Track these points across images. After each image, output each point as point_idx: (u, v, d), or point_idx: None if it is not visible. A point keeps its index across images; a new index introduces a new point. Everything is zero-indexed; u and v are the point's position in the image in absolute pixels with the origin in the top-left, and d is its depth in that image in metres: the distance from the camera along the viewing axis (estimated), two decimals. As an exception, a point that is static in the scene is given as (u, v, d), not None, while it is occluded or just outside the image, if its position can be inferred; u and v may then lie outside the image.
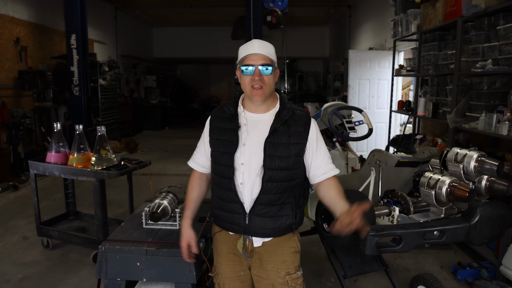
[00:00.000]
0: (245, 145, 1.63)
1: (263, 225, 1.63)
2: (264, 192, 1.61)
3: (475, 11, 3.33)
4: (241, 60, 1.63)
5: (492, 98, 3.42)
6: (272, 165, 1.59)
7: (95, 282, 2.54)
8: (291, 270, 1.69)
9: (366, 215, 1.50)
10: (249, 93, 1.62)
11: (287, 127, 1.62)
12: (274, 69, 1.63)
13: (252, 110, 1.68)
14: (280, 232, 1.67)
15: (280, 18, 6.35)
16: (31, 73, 6.58)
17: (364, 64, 7.06)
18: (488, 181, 1.91)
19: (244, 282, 1.77)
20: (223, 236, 1.76)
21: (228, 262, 1.75)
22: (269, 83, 1.61)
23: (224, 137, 1.66)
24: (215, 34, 13.51)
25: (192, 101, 16.89)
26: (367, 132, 2.99)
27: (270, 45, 1.66)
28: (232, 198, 1.65)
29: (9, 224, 4.20)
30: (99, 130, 3.06)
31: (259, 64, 1.59)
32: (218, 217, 1.75)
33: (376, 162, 2.49)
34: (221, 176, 1.68)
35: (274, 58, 1.64)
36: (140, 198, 3.37)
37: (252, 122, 1.66)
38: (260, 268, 1.70)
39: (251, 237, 1.68)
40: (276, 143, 1.60)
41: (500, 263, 2.79)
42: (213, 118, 1.75)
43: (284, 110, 1.66)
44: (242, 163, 1.62)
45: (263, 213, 1.62)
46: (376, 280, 3.06)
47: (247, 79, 1.61)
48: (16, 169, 5.94)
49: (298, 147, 1.63)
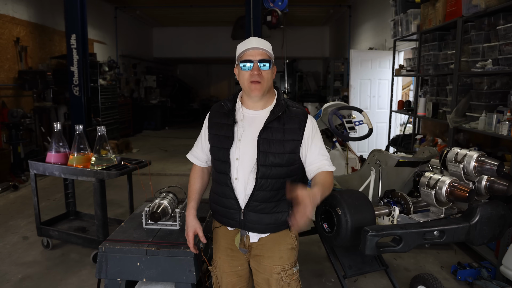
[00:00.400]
0: (240, 141, 1.65)
1: (259, 221, 1.66)
2: (259, 189, 1.62)
3: (475, 11, 3.33)
4: (240, 56, 1.65)
5: (492, 98, 3.42)
6: (266, 162, 1.61)
7: (95, 282, 2.55)
8: (287, 267, 1.72)
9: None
10: (248, 88, 1.64)
11: (282, 123, 1.63)
12: (272, 65, 1.65)
13: (249, 106, 1.71)
14: (276, 228, 1.69)
15: (280, 18, 6.35)
16: (31, 73, 6.58)
17: (365, 64, 7.06)
18: (488, 181, 1.91)
19: (241, 276, 1.81)
20: (222, 231, 1.80)
21: (226, 257, 1.79)
22: (267, 79, 1.63)
23: (221, 133, 1.69)
24: (215, 34, 13.52)
25: (192, 101, 16.90)
26: (367, 132, 2.99)
27: (267, 42, 1.68)
28: (227, 193, 1.68)
29: (9, 224, 4.20)
30: (99, 130, 3.06)
31: (257, 60, 1.61)
32: (216, 212, 1.79)
33: (376, 162, 2.49)
34: (218, 171, 1.71)
35: (271, 54, 1.66)
36: (140, 198, 3.37)
37: (249, 119, 1.69)
38: (257, 262, 1.75)
39: (248, 232, 1.71)
40: (270, 139, 1.61)
41: (500, 263, 2.80)
42: (212, 113, 1.78)
43: (278, 106, 1.67)
44: (237, 158, 1.65)
45: (258, 209, 1.64)
46: (376, 280, 3.06)
47: (246, 75, 1.62)
48: (16, 169, 5.94)
49: (293, 144, 1.63)
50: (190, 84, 17.09)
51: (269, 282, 1.72)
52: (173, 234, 2.12)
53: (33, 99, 6.88)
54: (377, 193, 2.44)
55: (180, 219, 2.20)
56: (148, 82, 13.23)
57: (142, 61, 13.34)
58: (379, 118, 6.94)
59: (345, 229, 1.79)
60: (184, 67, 17.89)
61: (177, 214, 2.21)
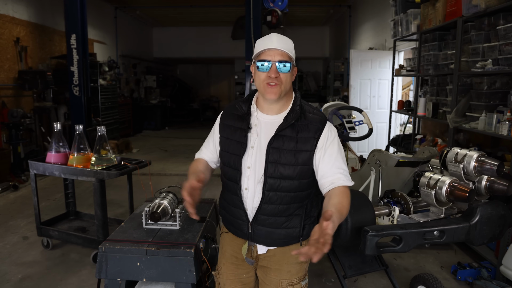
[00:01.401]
0: (254, 148, 1.53)
1: (268, 235, 1.56)
2: (266, 202, 1.51)
3: (475, 11, 3.33)
4: (257, 55, 1.50)
5: (492, 98, 3.42)
6: (275, 174, 1.48)
7: (95, 282, 2.55)
8: (294, 281, 1.62)
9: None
10: (263, 90, 1.50)
11: (296, 132, 1.49)
12: (292, 67, 1.50)
13: (265, 110, 1.57)
14: (285, 243, 1.59)
15: (280, 18, 6.34)
16: (31, 73, 6.58)
17: (365, 64, 7.05)
18: (488, 181, 1.91)
19: (246, 284, 1.73)
20: (229, 237, 1.71)
21: (231, 265, 1.72)
22: (285, 81, 1.49)
23: (234, 137, 1.57)
24: (215, 34, 13.51)
25: (192, 101, 16.89)
26: (367, 132, 2.99)
27: (289, 41, 1.52)
28: (236, 203, 1.59)
29: (9, 224, 4.20)
30: (99, 130, 3.06)
31: (276, 61, 1.46)
32: (224, 218, 1.71)
33: (376, 162, 2.50)
34: (228, 178, 1.61)
35: (293, 54, 1.51)
36: (140, 198, 3.37)
37: (264, 124, 1.55)
38: (264, 273, 1.66)
39: (255, 243, 1.63)
40: (281, 149, 1.48)
41: (500, 263, 2.79)
42: (224, 115, 1.66)
43: (292, 112, 1.52)
44: (249, 166, 1.53)
45: (267, 223, 1.54)
46: (376, 280, 3.06)
47: (263, 76, 1.48)
48: (16, 169, 5.94)
49: (306, 155, 1.48)
50: (190, 84, 17.09)
51: None
52: (173, 234, 2.11)
53: (33, 99, 6.88)
54: (377, 193, 2.44)
55: (180, 219, 2.20)
56: (148, 82, 13.23)
57: (142, 61, 13.34)
58: (379, 118, 6.94)
59: (345, 229, 1.78)
60: (184, 67, 17.89)
61: (177, 214, 2.21)
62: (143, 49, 13.48)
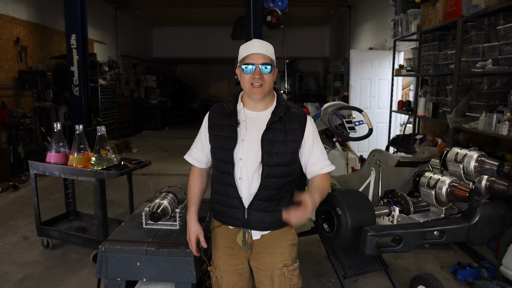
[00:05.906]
0: (244, 141, 1.69)
1: (262, 219, 1.70)
2: (263, 188, 1.67)
3: (475, 11, 3.33)
4: (242, 59, 1.68)
5: (492, 98, 3.42)
6: (270, 162, 1.65)
7: (95, 282, 2.55)
8: (288, 262, 1.75)
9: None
10: (249, 90, 1.67)
11: (284, 124, 1.68)
12: (273, 68, 1.68)
13: (251, 107, 1.74)
14: (278, 226, 1.73)
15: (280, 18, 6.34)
16: (31, 73, 6.58)
17: (365, 64, 7.06)
18: (488, 181, 1.91)
19: (242, 275, 1.82)
20: (222, 230, 1.82)
21: (226, 256, 1.80)
22: (268, 82, 1.67)
23: (223, 134, 1.71)
24: (215, 34, 13.51)
25: (192, 101, 16.90)
26: (367, 132, 2.99)
27: (269, 45, 1.71)
28: (231, 193, 1.71)
29: (9, 224, 4.20)
30: (99, 130, 3.06)
31: (259, 63, 1.64)
32: (218, 212, 1.80)
33: (376, 162, 2.49)
34: (221, 171, 1.73)
35: (273, 57, 1.70)
36: (140, 198, 3.37)
37: (251, 119, 1.72)
38: (259, 260, 1.77)
39: (250, 230, 1.74)
40: (273, 140, 1.66)
41: (500, 263, 2.80)
42: (212, 114, 1.80)
43: (279, 107, 1.72)
44: (241, 158, 1.68)
45: (261, 208, 1.69)
46: (376, 280, 3.06)
47: (247, 77, 1.66)
48: (16, 169, 5.94)
49: (294, 144, 1.69)
50: (190, 84, 17.09)
51: (272, 279, 1.75)
52: (173, 234, 2.12)
53: (33, 99, 6.88)
54: (377, 193, 2.43)
55: (180, 219, 2.20)
56: (148, 82, 13.23)
57: (142, 61, 13.34)
58: (379, 118, 6.94)
59: (345, 229, 1.79)
60: (184, 67, 17.89)
61: (177, 214, 2.21)
62: (143, 49, 13.48)
